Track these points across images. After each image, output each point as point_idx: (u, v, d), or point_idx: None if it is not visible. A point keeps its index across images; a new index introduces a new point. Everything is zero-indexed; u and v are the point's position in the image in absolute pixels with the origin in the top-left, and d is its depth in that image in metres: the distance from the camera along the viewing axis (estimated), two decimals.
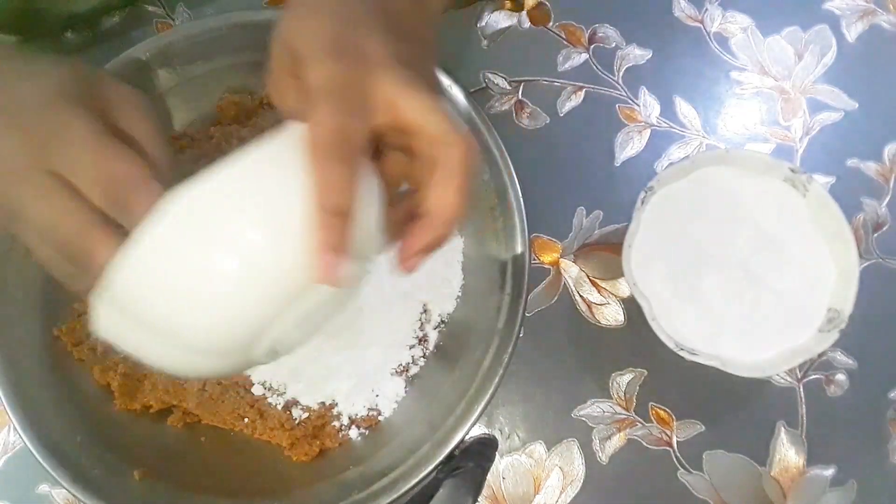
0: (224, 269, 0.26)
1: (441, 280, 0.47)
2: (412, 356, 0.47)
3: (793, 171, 0.45)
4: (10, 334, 0.44)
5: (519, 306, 0.44)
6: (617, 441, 0.48)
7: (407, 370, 0.46)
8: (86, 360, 0.45)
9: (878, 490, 0.47)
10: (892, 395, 0.49)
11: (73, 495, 0.41)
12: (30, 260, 0.45)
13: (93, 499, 0.41)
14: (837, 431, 0.48)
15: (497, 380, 0.42)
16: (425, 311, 0.47)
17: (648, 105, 0.54)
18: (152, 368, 0.30)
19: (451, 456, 0.42)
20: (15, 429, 0.42)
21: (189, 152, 0.48)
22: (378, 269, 0.45)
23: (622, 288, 0.51)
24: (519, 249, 0.44)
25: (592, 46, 0.55)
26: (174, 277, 0.27)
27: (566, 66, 0.55)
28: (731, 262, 0.45)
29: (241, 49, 0.48)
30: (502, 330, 0.43)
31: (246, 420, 0.45)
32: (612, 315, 0.50)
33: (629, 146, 0.53)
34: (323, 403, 0.45)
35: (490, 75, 0.55)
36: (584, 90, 0.54)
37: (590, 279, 0.51)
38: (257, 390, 0.45)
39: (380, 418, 0.46)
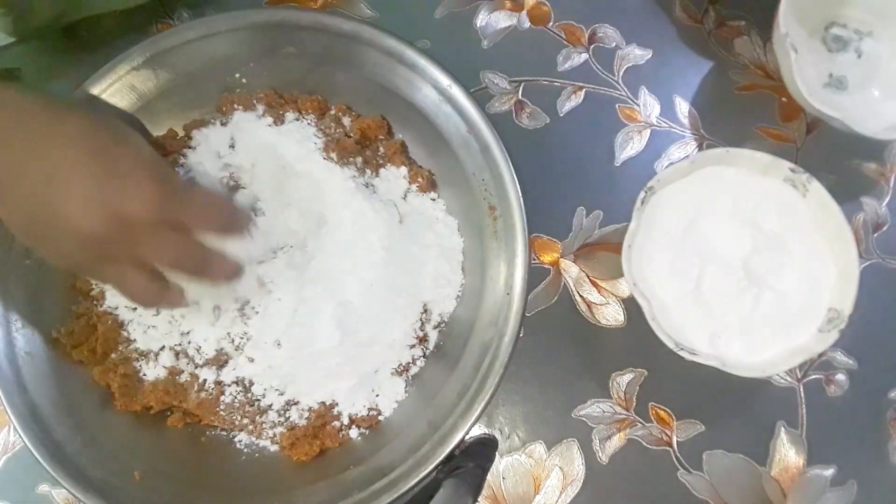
0: None
1: (441, 280, 0.47)
2: (412, 356, 0.47)
3: (793, 171, 0.45)
4: (10, 335, 0.44)
5: (519, 306, 0.44)
6: (617, 441, 0.48)
7: (407, 370, 0.46)
8: (85, 362, 0.45)
9: (878, 490, 0.47)
10: (892, 395, 0.49)
11: (74, 495, 0.41)
12: (30, 262, 0.45)
13: (93, 499, 0.41)
14: (837, 431, 0.48)
15: (497, 380, 0.42)
16: (425, 311, 0.47)
17: (648, 105, 0.54)
18: None
19: (451, 456, 0.42)
20: (15, 429, 0.42)
21: (189, 152, 0.48)
22: (377, 269, 0.45)
23: (622, 288, 0.51)
24: (519, 249, 0.44)
25: (592, 46, 0.55)
26: None
27: (566, 66, 0.55)
28: (731, 261, 0.45)
29: (240, 48, 0.48)
30: (502, 330, 0.43)
31: (246, 420, 0.45)
32: (612, 315, 0.50)
33: (629, 146, 0.53)
34: (323, 403, 0.45)
35: (490, 75, 0.55)
36: (584, 90, 0.54)
37: (590, 279, 0.51)
38: (257, 390, 0.45)
39: (380, 418, 0.46)
